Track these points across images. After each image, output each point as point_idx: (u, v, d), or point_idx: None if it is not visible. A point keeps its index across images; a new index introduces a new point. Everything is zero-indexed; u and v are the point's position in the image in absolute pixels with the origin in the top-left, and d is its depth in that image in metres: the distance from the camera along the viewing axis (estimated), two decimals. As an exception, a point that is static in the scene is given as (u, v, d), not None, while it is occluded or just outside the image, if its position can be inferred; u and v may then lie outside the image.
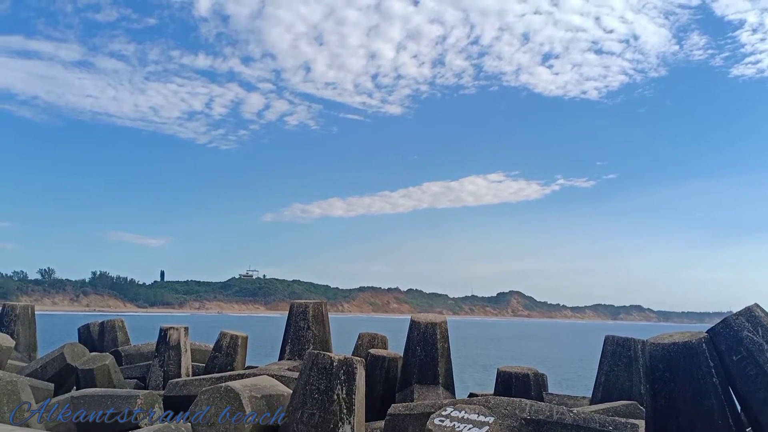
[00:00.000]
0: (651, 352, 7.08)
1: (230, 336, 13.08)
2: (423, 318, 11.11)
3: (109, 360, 12.13)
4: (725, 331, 6.91)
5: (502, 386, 10.26)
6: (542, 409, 7.11)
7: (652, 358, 7.07)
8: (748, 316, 6.90)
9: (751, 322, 6.85)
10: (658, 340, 7.15)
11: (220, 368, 12.50)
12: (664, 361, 6.94)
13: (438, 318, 11.12)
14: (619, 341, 10.78)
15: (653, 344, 7.08)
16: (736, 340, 6.80)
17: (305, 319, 12.87)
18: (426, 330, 10.73)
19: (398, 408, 8.14)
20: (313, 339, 12.73)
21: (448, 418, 5.73)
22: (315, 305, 13.10)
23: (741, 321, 6.87)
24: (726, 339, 6.87)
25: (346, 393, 7.21)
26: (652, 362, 7.08)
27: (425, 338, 10.69)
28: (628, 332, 12.13)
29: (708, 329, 7.13)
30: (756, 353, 6.67)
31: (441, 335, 10.76)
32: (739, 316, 6.91)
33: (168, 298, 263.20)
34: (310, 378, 7.40)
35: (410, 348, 10.81)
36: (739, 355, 6.76)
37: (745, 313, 6.93)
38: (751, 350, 6.70)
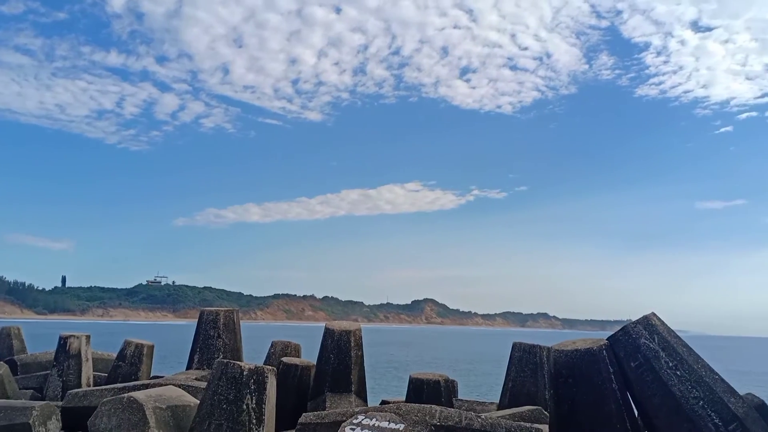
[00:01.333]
0: (555, 358, 7.33)
1: (135, 344, 12.57)
2: (337, 325, 11.05)
3: (2, 369, 11.39)
4: (624, 338, 7.24)
5: (413, 393, 10.33)
6: (451, 415, 7.22)
7: (556, 364, 7.32)
8: (646, 324, 7.25)
9: (648, 330, 7.21)
10: (562, 347, 7.40)
11: (124, 378, 11.98)
12: (567, 367, 7.19)
13: (352, 326, 11.09)
14: (525, 348, 11.11)
15: (557, 351, 7.33)
16: (634, 347, 7.13)
17: (215, 327, 12.53)
18: (340, 338, 10.68)
19: (309, 417, 8.05)
20: (224, 348, 12.41)
21: (359, 426, 5.72)
22: (226, 313, 12.78)
23: (639, 329, 7.22)
24: (625, 346, 7.20)
25: (256, 403, 7.06)
26: (556, 368, 7.33)
27: (339, 346, 10.64)
28: (535, 339, 12.52)
29: (608, 337, 7.46)
30: (652, 360, 7.01)
31: (355, 343, 10.73)
32: (638, 324, 7.26)
33: (69, 304, 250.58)
34: (218, 388, 7.21)
35: (324, 356, 10.72)
36: (636, 361, 7.09)
37: (642, 322, 7.28)
38: (648, 357, 7.04)
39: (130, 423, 7.22)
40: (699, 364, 7.02)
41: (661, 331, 7.19)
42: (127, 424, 7.23)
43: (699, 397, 6.71)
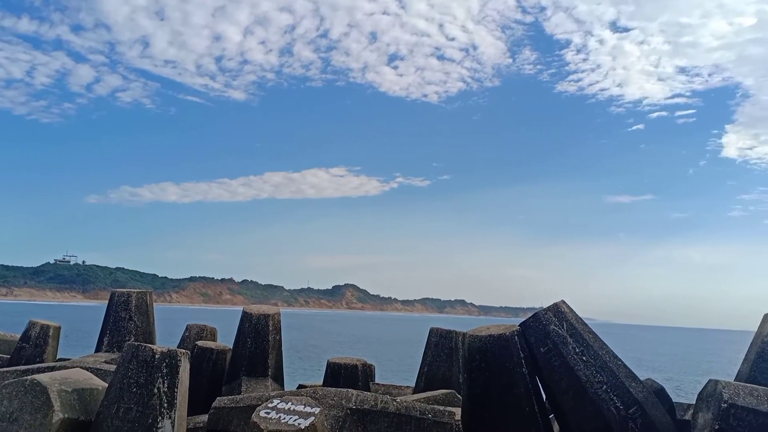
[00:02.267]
0: (469, 343, 7.52)
1: (40, 325, 12.00)
2: (256, 309, 10.92)
3: None
4: (535, 324, 7.50)
5: (330, 377, 10.37)
6: (367, 399, 7.29)
7: (470, 349, 7.51)
8: (556, 311, 7.54)
9: (558, 317, 7.50)
10: (477, 332, 7.60)
11: (28, 360, 11.43)
12: (481, 352, 7.40)
13: (271, 310, 10.99)
14: (442, 333, 11.34)
15: (472, 336, 7.53)
16: (544, 333, 7.41)
17: (127, 309, 12.13)
18: (258, 322, 10.57)
19: (223, 401, 7.93)
20: (135, 330, 12.04)
21: (274, 410, 5.68)
22: (138, 294, 12.39)
23: (549, 316, 7.50)
24: (535, 332, 7.47)
25: (167, 386, 6.89)
26: (470, 353, 7.53)
27: (257, 330, 10.52)
28: (452, 325, 12.78)
29: (520, 323, 7.72)
30: (560, 345, 7.31)
31: (273, 327, 10.65)
32: (548, 311, 7.54)
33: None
34: (128, 371, 6.99)
35: (240, 340, 10.58)
36: (546, 347, 7.37)
37: (552, 309, 7.57)
38: (557, 343, 7.33)
39: (33, 406, 6.89)
40: (604, 350, 7.36)
41: (570, 319, 7.50)
42: (30, 407, 6.90)
43: (603, 381, 7.05)
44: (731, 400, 6.38)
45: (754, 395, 6.50)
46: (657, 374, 38.08)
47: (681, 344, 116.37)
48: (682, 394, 26.69)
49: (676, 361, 62.65)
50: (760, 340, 8.44)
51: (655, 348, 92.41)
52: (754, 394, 6.52)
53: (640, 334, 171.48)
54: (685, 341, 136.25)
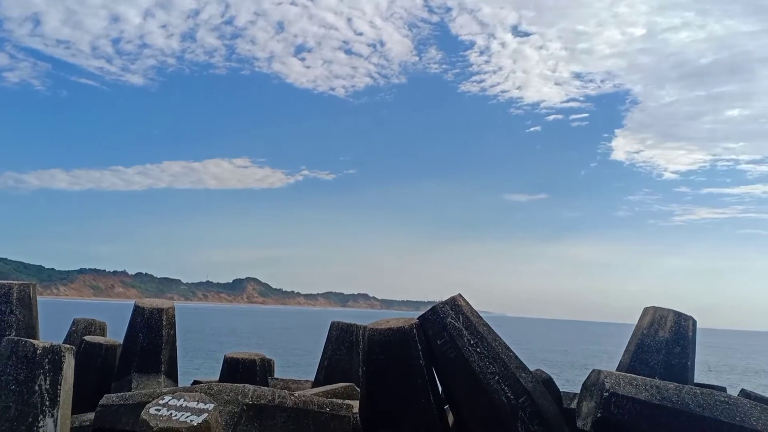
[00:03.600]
0: (369, 336, 7.57)
1: None
2: (148, 303, 10.51)
3: None
4: (433, 317, 7.65)
5: (227, 373, 10.14)
6: (264, 394, 7.18)
7: (370, 342, 7.57)
8: (452, 304, 7.73)
9: (455, 310, 7.68)
10: (377, 325, 7.67)
11: None
12: (381, 345, 7.47)
13: (165, 303, 10.62)
14: (343, 327, 11.35)
15: (372, 329, 7.58)
16: (442, 326, 7.57)
17: (8, 302, 11.31)
18: (151, 316, 10.18)
19: (111, 398, 7.59)
20: (17, 325, 11.25)
21: (165, 407, 5.48)
22: (21, 287, 11.59)
23: (446, 309, 7.67)
24: (433, 325, 7.62)
25: (50, 384, 6.52)
26: (369, 346, 7.58)
27: (149, 324, 10.14)
28: (355, 319, 12.83)
29: (419, 316, 7.85)
30: (456, 338, 7.49)
31: (167, 321, 10.30)
32: (445, 304, 7.71)
33: None
34: (7, 368, 6.56)
35: (132, 335, 10.17)
36: (442, 339, 7.54)
37: (450, 302, 7.75)
38: (453, 335, 7.51)
39: None
40: (497, 342, 7.62)
41: (466, 311, 7.70)
42: None
43: (495, 372, 7.29)
44: (612, 389, 6.77)
45: (633, 384, 6.92)
46: (546, 365, 39.92)
47: (569, 336, 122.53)
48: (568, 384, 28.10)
49: (564, 352, 65.90)
50: (639, 333, 8.99)
51: (546, 339, 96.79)
52: (633, 383, 6.94)
53: (532, 327, 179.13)
54: (573, 333, 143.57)
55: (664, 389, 6.83)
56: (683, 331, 8.77)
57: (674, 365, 8.55)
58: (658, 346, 8.63)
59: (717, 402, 6.80)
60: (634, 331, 9.16)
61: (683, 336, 8.73)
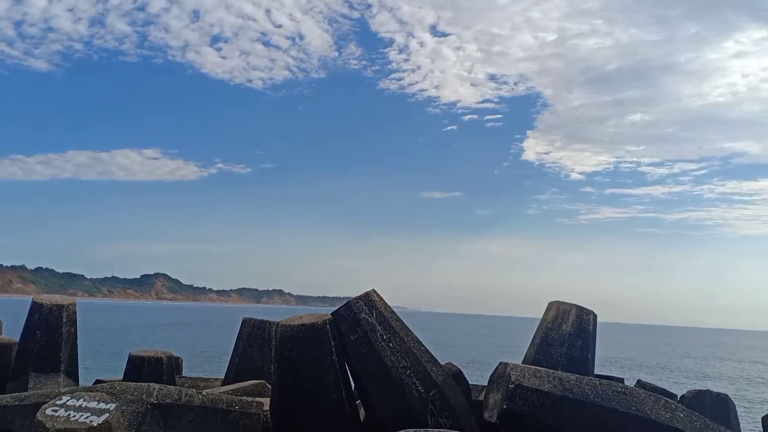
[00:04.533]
0: (281, 333, 7.49)
1: None
2: (47, 299, 10.00)
3: None
4: (346, 313, 7.66)
5: (132, 371, 9.80)
6: (170, 393, 6.98)
7: (282, 338, 7.49)
8: (366, 300, 7.76)
9: (368, 305, 7.72)
10: (289, 322, 7.60)
11: None
12: (293, 341, 7.41)
13: (65, 300, 10.13)
14: (255, 323, 11.19)
15: (284, 326, 7.51)
16: (355, 321, 7.59)
17: None
18: (50, 313, 9.70)
19: (5, 399, 7.16)
20: None
21: (63, 408, 5.21)
22: None
23: (360, 304, 7.70)
24: (346, 320, 7.63)
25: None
26: (281, 343, 7.50)
27: (48, 322, 9.65)
28: (270, 315, 12.66)
29: (332, 312, 7.84)
30: (369, 333, 7.53)
31: (68, 318, 9.83)
32: (359, 300, 7.73)
33: None
34: None
35: (29, 333, 9.65)
36: (356, 335, 7.56)
37: (363, 298, 7.77)
38: (366, 330, 7.54)
39: None
40: (409, 337, 7.71)
41: (380, 307, 7.75)
42: None
43: (407, 366, 7.38)
44: (518, 381, 6.99)
45: (538, 376, 7.17)
46: (457, 358, 40.78)
47: (481, 330, 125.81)
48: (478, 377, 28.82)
49: (474, 346, 67.62)
50: (544, 326, 9.35)
51: (458, 334, 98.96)
52: (538, 375, 7.20)
53: (445, 321, 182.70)
54: (484, 327, 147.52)
55: (566, 380, 7.12)
56: (585, 325, 9.18)
57: (576, 357, 8.94)
58: (562, 339, 9.00)
59: (614, 392, 7.15)
60: (539, 324, 9.50)
61: (585, 329, 9.15)
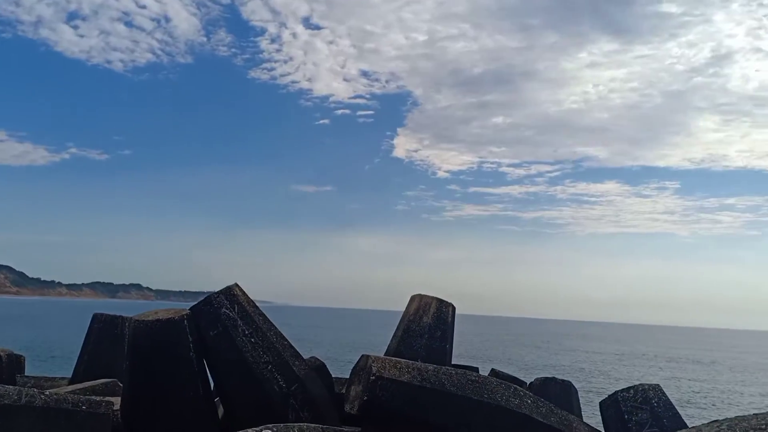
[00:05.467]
0: (135, 329, 7.14)
1: None
2: None
3: None
4: (206, 308, 7.43)
5: (-35, 372, 8.92)
6: (9, 393, 6.41)
7: (135, 335, 7.13)
8: (228, 294, 7.57)
9: (230, 300, 7.53)
10: (143, 317, 7.25)
11: None
12: (147, 337, 7.08)
13: None
14: (106, 319, 10.60)
15: (137, 321, 7.16)
16: (215, 316, 7.38)
17: None
18: None
19: None
20: None
21: None
22: None
23: (221, 299, 7.49)
24: (206, 315, 7.40)
25: None
26: (135, 339, 7.15)
27: None
28: (125, 311, 12.03)
29: (191, 306, 7.57)
30: (230, 328, 7.36)
31: None
32: (220, 294, 7.53)
33: None
34: None
35: None
36: (216, 330, 7.36)
37: (225, 292, 7.58)
38: (227, 326, 7.36)
39: None
40: (272, 332, 7.62)
41: (242, 301, 7.59)
42: None
43: (268, 361, 7.29)
44: (379, 372, 7.11)
45: (398, 367, 7.34)
46: (322, 352, 41.00)
47: (348, 324, 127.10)
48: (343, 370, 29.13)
49: (340, 340, 68.23)
50: (406, 319, 9.58)
51: (325, 328, 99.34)
52: (398, 366, 7.37)
53: (314, 316, 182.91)
54: (352, 321, 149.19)
55: (424, 371, 7.34)
56: (444, 317, 9.51)
57: (435, 348, 9.24)
58: (422, 331, 9.27)
59: (469, 381, 7.47)
60: (401, 317, 9.73)
61: (444, 321, 9.48)
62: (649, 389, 7.67)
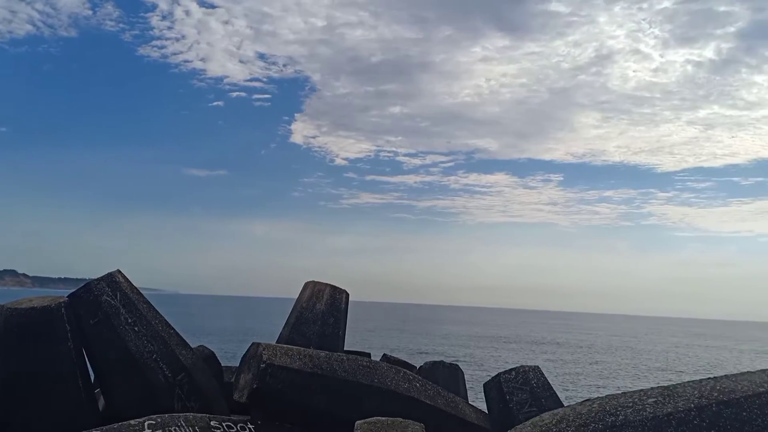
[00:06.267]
0: (6, 317, 6.70)
1: None
2: None
3: None
4: (86, 295, 7.08)
5: None
6: None
7: (6, 324, 6.70)
8: (109, 281, 7.23)
9: (112, 287, 7.21)
10: (16, 305, 6.83)
11: None
12: (20, 326, 6.67)
13: None
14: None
15: (10, 309, 6.73)
16: (96, 304, 7.05)
17: None
18: None
19: None
20: None
21: None
22: None
23: (102, 286, 7.16)
24: (86, 303, 7.05)
25: None
26: (7, 329, 6.71)
27: None
28: (0, 298, 11.21)
29: (69, 294, 7.19)
30: (112, 316, 7.05)
31: None
32: (101, 281, 7.19)
33: None
34: None
35: None
36: (96, 318, 7.03)
37: (106, 279, 7.24)
38: (109, 314, 7.05)
39: None
40: (157, 320, 7.37)
41: (125, 288, 7.29)
42: None
43: (153, 350, 7.05)
44: (269, 360, 7.04)
45: (289, 355, 7.30)
46: (212, 340, 40.14)
47: (241, 311, 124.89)
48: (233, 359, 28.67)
49: (232, 328, 66.99)
50: (299, 306, 9.54)
51: (216, 316, 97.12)
52: (289, 353, 7.33)
53: (205, 304, 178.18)
54: (246, 308, 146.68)
55: (315, 357, 7.35)
56: (337, 304, 9.55)
57: (328, 335, 9.26)
58: (315, 318, 9.27)
59: (360, 366, 7.56)
60: (294, 304, 9.68)
61: (337, 308, 9.52)
62: (530, 371, 8.04)
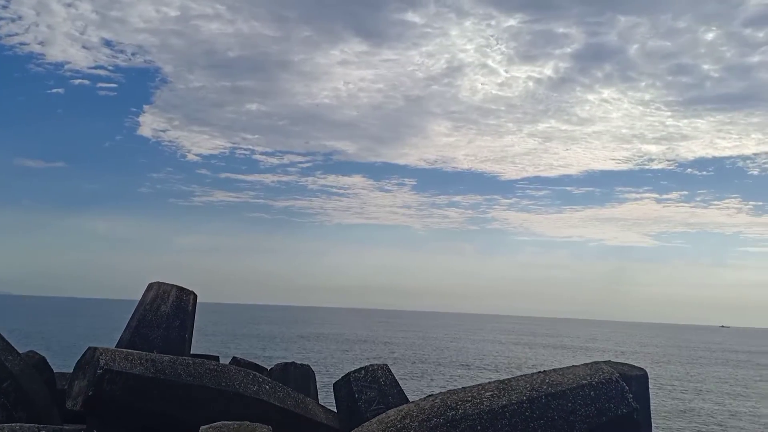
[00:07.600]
0: None
1: None
2: None
3: None
4: None
5: None
6: None
7: None
8: None
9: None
10: None
11: None
12: None
13: None
14: None
15: None
16: None
17: None
18: None
19: None
20: None
21: None
22: None
23: None
24: None
25: None
26: None
27: None
28: None
29: None
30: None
31: None
32: None
33: None
34: None
35: None
36: None
37: None
38: None
39: None
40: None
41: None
42: None
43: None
44: (107, 365, 6.68)
45: (129, 359, 6.96)
46: (44, 345, 37.15)
47: (78, 314, 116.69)
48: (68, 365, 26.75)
49: (67, 332, 62.35)
50: (142, 308, 9.11)
51: (51, 319, 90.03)
52: (129, 358, 6.99)
53: (39, 306, 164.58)
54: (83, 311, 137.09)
55: (159, 362, 7.06)
56: (184, 306, 9.23)
57: (173, 338, 8.93)
58: (159, 321, 8.90)
59: (207, 370, 7.37)
60: (136, 307, 9.24)
61: (184, 310, 9.20)
62: (378, 369, 8.26)
